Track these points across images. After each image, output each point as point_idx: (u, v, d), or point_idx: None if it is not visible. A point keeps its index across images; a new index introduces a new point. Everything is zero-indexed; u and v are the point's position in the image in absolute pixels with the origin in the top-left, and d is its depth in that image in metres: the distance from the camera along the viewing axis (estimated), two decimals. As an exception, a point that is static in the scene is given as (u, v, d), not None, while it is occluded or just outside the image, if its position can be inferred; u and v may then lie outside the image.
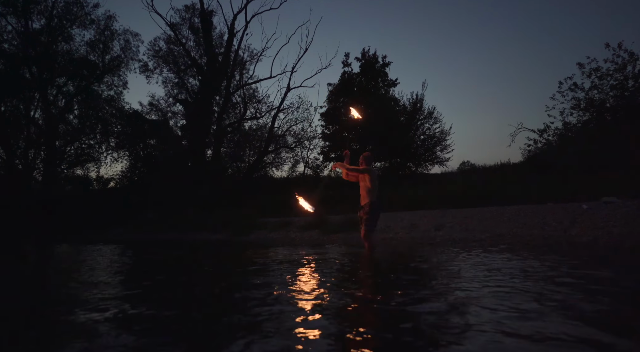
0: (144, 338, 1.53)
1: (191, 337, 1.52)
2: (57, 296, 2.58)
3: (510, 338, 1.40)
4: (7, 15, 20.21)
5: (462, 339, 1.42)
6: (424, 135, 16.20)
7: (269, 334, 1.49)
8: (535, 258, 3.87)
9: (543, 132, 13.93)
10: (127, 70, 22.19)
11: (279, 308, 1.91)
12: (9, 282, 3.44)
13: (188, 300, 2.29)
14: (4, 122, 19.77)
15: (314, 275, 3.10)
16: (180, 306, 2.14)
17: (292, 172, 20.86)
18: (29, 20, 20.53)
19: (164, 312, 1.99)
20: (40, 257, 6.46)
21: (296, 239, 8.61)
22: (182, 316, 1.91)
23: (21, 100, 20.54)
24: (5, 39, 20.49)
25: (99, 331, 1.60)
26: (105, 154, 22.26)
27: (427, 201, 10.97)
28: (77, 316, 1.92)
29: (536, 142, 14.07)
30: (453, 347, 1.34)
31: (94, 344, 1.44)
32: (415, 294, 2.22)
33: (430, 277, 2.94)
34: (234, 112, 20.03)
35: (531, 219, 6.63)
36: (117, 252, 6.51)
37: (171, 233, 12.64)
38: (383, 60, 19.23)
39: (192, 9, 19.11)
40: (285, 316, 1.76)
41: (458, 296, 2.11)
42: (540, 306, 1.86)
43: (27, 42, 20.29)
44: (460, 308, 1.84)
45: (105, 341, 1.46)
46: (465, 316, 1.71)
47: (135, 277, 3.65)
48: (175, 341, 1.49)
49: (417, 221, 7.87)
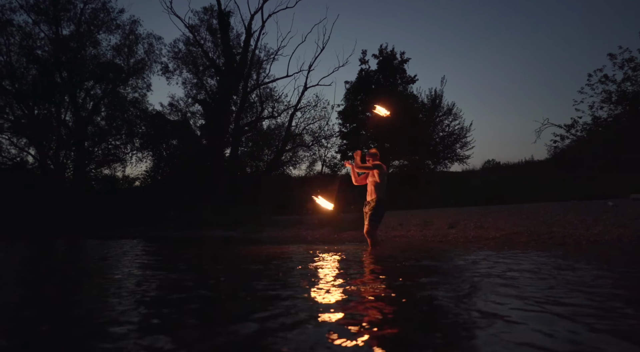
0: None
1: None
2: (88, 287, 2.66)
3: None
4: (40, 23, 21.29)
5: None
6: (443, 132, 15.76)
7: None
8: (545, 256, 3.62)
9: (570, 128, 13.28)
10: (151, 72, 22.90)
11: (289, 303, 1.82)
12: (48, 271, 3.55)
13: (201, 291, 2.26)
14: (37, 125, 20.82)
15: (314, 273, 3.02)
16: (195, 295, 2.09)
17: (309, 171, 20.86)
18: (59, 27, 21.53)
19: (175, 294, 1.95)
20: (73, 250, 6.70)
21: (307, 237, 8.55)
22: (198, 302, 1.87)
23: (53, 104, 21.55)
24: (39, 46, 21.60)
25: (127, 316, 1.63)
26: (130, 154, 23.03)
27: (444, 199, 10.67)
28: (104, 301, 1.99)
29: (563, 138, 13.44)
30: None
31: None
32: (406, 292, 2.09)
33: (419, 275, 2.78)
34: (251, 111, 20.23)
35: (551, 217, 6.28)
36: (137, 248, 6.65)
37: (188, 231, 12.89)
38: (401, 56, 18.89)
39: (211, 10, 19.44)
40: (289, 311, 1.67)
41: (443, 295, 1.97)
42: (521, 301, 1.69)
43: (58, 48, 21.27)
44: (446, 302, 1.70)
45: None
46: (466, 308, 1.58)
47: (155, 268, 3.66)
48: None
49: (431, 219, 7.63)
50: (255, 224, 11.10)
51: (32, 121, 20.74)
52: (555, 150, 13.86)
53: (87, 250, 6.42)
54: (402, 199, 11.79)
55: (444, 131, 15.78)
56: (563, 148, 13.49)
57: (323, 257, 3.97)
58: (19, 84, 20.77)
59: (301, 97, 19.11)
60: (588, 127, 12.94)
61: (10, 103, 20.82)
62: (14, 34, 20.84)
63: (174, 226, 14.58)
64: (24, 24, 20.93)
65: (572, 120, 13.11)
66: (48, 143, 21.52)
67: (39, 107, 21.48)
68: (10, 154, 21.33)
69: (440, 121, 15.81)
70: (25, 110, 20.87)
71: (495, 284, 2.10)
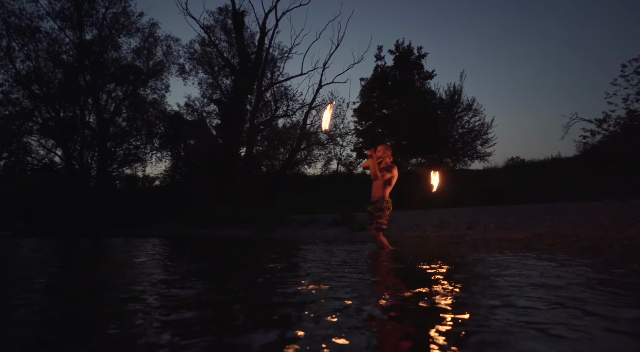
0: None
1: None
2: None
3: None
4: (65, 29, 22.05)
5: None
6: (462, 129, 15.16)
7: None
8: (565, 259, 3.24)
9: (602, 122, 12.44)
10: (169, 73, 23.31)
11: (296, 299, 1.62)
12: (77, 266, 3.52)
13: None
14: (63, 127, 21.57)
15: (318, 272, 2.78)
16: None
17: (325, 170, 20.64)
18: (83, 32, 22.21)
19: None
20: (98, 247, 6.78)
21: (320, 236, 8.32)
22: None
23: (78, 106, 22.26)
24: (64, 51, 22.37)
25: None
26: (150, 154, 23.55)
27: (463, 198, 10.20)
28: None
29: (594, 133, 12.61)
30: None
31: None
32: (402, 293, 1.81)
33: (416, 281, 2.49)
34: (266, 110, 20.20)
35: (580, 218, 5.79)
36: (156, 247, 6.64)
37: (203, 229, 12.92)
38: (419, 51, 18.34)
39: (225, 10, 19.55)
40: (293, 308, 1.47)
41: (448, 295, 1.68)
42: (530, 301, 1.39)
43: (82, 52, 21.96)
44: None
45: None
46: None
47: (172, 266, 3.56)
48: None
49: (449, 219, 7.23)
50: (269, 223, 10.97)
51: (59, 123, 21.50)
52: (585, 147, 13.05)
53: (117, 249, 6.42)
54: (420, 199, 11.38)
55: (464, 128, 15.18)
56: (594, 144, 12.67)
57: (323, 260, 3.73)
58: (47, 88, 21.57)
59: (316, 95, 18.97)
60: (622, 122, 12.09)
61: (39, 106, 21.67)
62: (42, 40, 21.69)
63: (190, 225, 14.69)
64: (51, 31, 21.78)
65: (604, 115, 12.27)
66: (73, 144, 22.27)
67: (64, 110, 22.24)
68: (39, 155, 22.23)
69: (460, 117, 15.21)
70: (52, 113, 21.66)
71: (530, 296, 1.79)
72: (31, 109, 21.48)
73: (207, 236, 11.16)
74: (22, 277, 2.96)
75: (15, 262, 4.52)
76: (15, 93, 21.03)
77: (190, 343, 1.13)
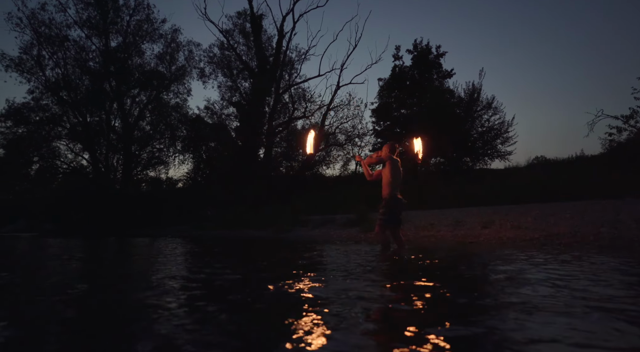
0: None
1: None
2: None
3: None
4: (92, 36, 23.00)
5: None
6: (482, 128, 14.87)
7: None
8: (571, 259, 3.20)
9: (629, 119, 11.95)
10: (190, 78, 23.89)
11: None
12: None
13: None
14: (90, 131, 22.50)
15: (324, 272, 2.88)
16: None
17: (344, 170, 20.67)
18: (108, 39, 23.09)
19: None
20: (128, 248, 7.11)
21: (334, 237, 8.39)
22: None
23: (103, 111, 23.15)
24: (91, 58, 23.33)
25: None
26: (172, 157, 24.17)
27: (481, 197, 10.03)
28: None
29: (620, 130, 12.13)
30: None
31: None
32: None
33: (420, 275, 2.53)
34: (284, 112, 20.41)
35: (601, 216, 5.63)
36: (179, 247, 6.90)
37: (220, 230, 13.20)
38: (437, 50, 18.16)
39: (244, 14, 19.90)
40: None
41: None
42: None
43: (108, 59, 22.85)
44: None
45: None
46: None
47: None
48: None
49: (464, 218, 7.16)
50: (286, 223, 11.11)
51: (86, 128, 22.42)
52: (610, 144, 12.57)
53: (143, 248, 6.71)
54: (438, 198, 11.26)
55: (483, 126, 14.89)
56: (620, 141, 12.19)
57: (330, 261, 3.81)
58: (74, 94, 22.54)
59: (334, 96, 19.04)
60: (651, 117, 11.60)
61: (67, 112, 22.65)
62: (70, 49, 22.69)
63: (210, 226, 15.04)
64: (78, 39, 22.77)
65: (631, 111, 11.78)
66: (99, 148, 23.16)
67: (91, 115, 23.16)
68: (68, 158, 23.24)
69: (479, 116, 14.93)
70: (80, 118, 22.59)
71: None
72: (60, 115, 22.47)
73: (222, 237, 11.39)
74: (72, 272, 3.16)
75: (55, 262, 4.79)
76: (45, 99, 22.06)
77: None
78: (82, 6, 22.14)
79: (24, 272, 3.29)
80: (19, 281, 2.72)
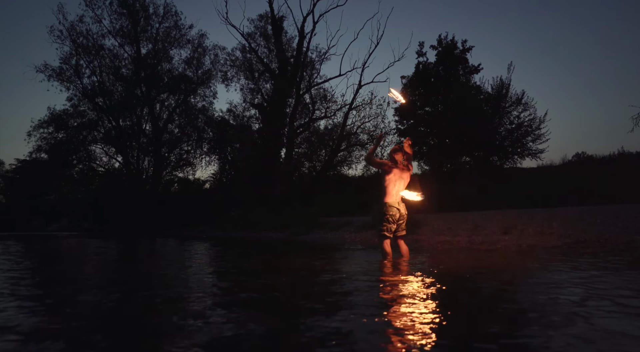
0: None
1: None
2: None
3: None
4: (125, 45, 24.06)
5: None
6: (510, 125, 14.06)
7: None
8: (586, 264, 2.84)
9: (679, 112, 10.88)
10: (216, 81, 24.42)
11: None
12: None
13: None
14: (123, 135, 23.56)
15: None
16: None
17: (366, 170, 20.33)
18: (139, 46, 24.06)
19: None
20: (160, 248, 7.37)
21: (349, 240, 8.20)
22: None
23: (134, 116, 24.16)
24: (124, 65, 24.39)
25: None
26: (199, 159, 24.83)
27: (508, 198, 9.47)
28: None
29: (668, 124, 11.07)
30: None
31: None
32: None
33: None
34: (305, 112, 20.34)
35: (636, 222, 5.09)
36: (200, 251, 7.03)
37: (241, 232, 13.32)
38: (463, 45, 17.42)
39: (266, 17, 20.03)
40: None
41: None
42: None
43: (139, 66, 23.80)
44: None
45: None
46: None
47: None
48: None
49: (483, 223, 6.75)
50: (304, 225, 11.04)
51: (119, 132, 23.50)
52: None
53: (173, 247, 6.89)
54: (461, 200, 10.79)
55: (512, 123, 14.06)
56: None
57: (330, 269, 3.65)
58: (109, 100, 23.68)
59: (355, 95, 18.73)
60: None
61: (102, 117, 23.84)
62: (105, 57, 23.85)
63: (232, 227, 15.26)
64: (112, 47, 23.89)
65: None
66: (131, 151, 24.19)
67: (124, 119, 24.24)
68: (103, 161, 24.46)
69: (508, 112, 14.13)
70: (113, 122, 23.71)
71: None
72: (95, 120, 23.71)
73: (242, 238, 11.48)
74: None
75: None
76: (82, 106, 23.36)
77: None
78: (115, 16, 23.21)
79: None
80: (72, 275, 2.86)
